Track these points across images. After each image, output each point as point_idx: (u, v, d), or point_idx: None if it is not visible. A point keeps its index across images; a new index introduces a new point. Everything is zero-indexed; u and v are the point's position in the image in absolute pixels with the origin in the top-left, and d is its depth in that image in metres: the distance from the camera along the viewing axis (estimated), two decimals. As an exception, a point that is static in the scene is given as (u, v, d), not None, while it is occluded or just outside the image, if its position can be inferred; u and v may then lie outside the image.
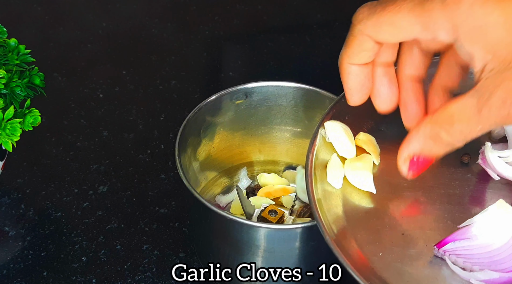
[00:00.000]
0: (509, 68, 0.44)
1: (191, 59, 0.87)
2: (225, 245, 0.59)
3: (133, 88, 0.83)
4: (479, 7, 0.44)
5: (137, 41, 0.89)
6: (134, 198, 0.71)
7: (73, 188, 0.71)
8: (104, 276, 0.64)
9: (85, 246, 0.66)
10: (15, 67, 0.63)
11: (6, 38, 0.65)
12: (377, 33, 0.48)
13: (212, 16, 0.93)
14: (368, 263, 0.49)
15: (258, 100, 0.66)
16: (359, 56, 0.50)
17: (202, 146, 0.65)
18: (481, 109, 0.45)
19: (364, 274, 0.47)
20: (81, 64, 0.86)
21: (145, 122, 0.78)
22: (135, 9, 0.94)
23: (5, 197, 0.70)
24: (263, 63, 0.87)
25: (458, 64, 0.51)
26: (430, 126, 0.48)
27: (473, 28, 0.44)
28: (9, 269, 0.64)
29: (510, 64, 0.44)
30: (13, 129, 0.60)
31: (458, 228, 0.50)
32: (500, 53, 0.44)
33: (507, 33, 0.43)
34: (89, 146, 0.76)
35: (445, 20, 0.45)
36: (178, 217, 0.69)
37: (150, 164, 0.74)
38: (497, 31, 0.44)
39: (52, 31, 0.90)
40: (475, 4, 0.44)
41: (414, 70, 0.52)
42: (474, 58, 0.45)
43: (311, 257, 0.58)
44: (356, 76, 0.51)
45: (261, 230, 0.56)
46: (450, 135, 0.47)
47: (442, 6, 0.45)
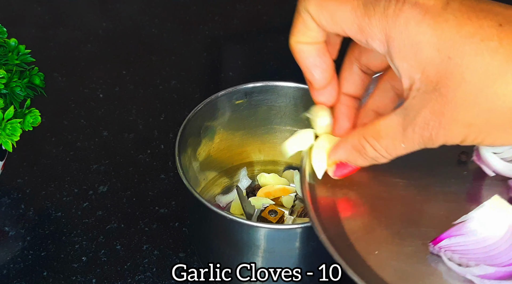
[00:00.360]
0: (436, 89, 0.43)
1: (191, 59, 0.87)
2: (225, 245, 0.59)
3: (133, 88, 0.83)
4: (415, 25, 0.43)
5: (137, 41, 0.89)
6: (134, 198, 0.71)
7: (73, 188, 0.71)
8: (104, 276, 0.64)
9: (85, 246, 0.66)
10: (15, 67, 0.63)
11: (6, 38, 0.65)
12: (318, 15, 0.47)
13: (212, 16, 0.93)
14: (365, 261, 0.49)
15: (258, 100, 0.66)
16: (306, 35, 0.49)
17: (202, 145, 0.65)
18: (406, 129, 0.45)
19: (359, 272, 0.47)
20: (81, 64, 0.86)
21: (145, 122, 0.78)
22: (135, 9, 0.94)
23: (5, 197, 0.70)
24: (263, 63, 0.87)
25: (393, 89, 0.51)
26: (357, 139, 0.49)
27: (405, 45, 0.44)
28: (9, 269, 0.64)
29: (437, 85, 0.43)
30: (13, 129, 0.60)
31: (454, 224, 0.51)
32: (428, 73, 0.43)
33: (438, 53, 0.43)
34: (89, 145, 0.76)
35: (381, 30, 0.45)
36: (178, 217, 0.69)
37: (150, 164, 0.74)
38: (428, 50, 0.43)
39: (52, 31, 0.90)
40: (411, 21, 0.43)
41: (352, 87, 0.52)
42: (402, 75, 0.45)
43: (311, 257, 0.58)
44: (308, 55, 0.49)
45: (261, 230, 0.56)
46: (374, 150, 0.48)
47: (382, 16, 0.44)
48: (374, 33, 0.45)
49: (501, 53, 0.42)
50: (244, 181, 0.69)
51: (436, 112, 0.44)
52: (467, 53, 0.42)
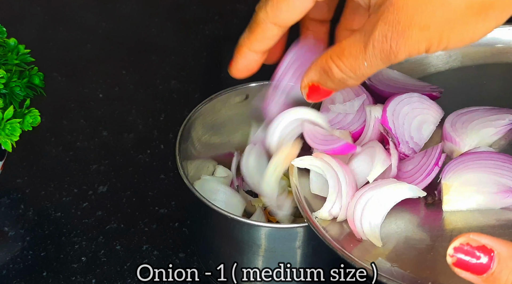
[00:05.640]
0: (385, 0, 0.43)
1: (191, 59, 0.87)
2: (225, 245, 0.59)
3: (133, 88, 0.82)
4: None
5: (137, 41, 0.89)
6: (134, 198, 0.71)
7: (72, 188, 0.71)
8: (103, 276, 0.64)
9: (85, 246, 0.66)
10: (15, 67, 0.63)
11: (5, 38, 0.64)
12: (278, 17, 0.49)
13: (212, 16, 0.93)
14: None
15: (258, 100, 0.66)
16: (262, 43, 0.51)
17: (202, 145, 0.65)
18: (366, 45, 0.45)
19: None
20: (80, 64, 0.85)
21: (145, 122, 0.78)
22: (135, 9, 0.94)
23: (5, 197, 0.70)
24: (263, 63, 0.87)
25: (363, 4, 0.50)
26: (324, 59, 0.48)
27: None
28: (9, 269, 0.64)
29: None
30: (13, 129, 0.60)
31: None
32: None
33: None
34: (89, 146, 0.76)
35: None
36: (178, 217, 0.69)
37: (150, 164, 0.74)
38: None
39: (52, 31, 0.90)
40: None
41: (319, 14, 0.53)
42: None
43: (312, 256, 0.58)
44: (249, 60, 0.52)
45: (262, 229, 0.56)
46: (339, 70, 0.47)
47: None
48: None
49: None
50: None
51: (390, 21, 0.43)
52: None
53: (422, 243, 0.50)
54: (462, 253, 0.39)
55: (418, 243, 0.50)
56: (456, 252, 0.40)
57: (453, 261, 0.40)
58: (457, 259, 0.39)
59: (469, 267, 0.39)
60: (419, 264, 0.48)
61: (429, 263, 0.48)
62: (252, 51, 0.51)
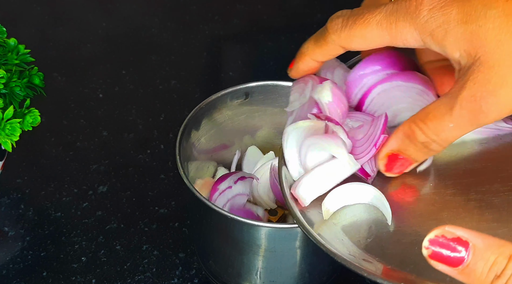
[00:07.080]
0: (476, 59, 0.43)
1: (191, 59, 0.87)
2: (225, 245, 0.59)
3: (133, 88, 0.82)
4: (438, 10, 0.44)
5: (137, 41, 0.89)
6: (134, 198, 0.71)
7: (72, 188, 0.71)
8: (103, 276, 0.64)
9: (85, 246, 0.66)
10: (15, 67, 0.63)
11: (5, 37, 0.64)
12: (349, 44, 0.49)
13: (212, 16, 0.93)
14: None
15: (258, 100, 0.66)
16: (325, 57, 0.51)
17: (202, 145, 0.65)
18: (453, 107, 0.44)
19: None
20: (80, 64, 0.85)
21: (145, 122, 0.78)
22: (135, 9, 0.94)
23: (5, 197, 0.70)
24: (263, 63, 0.87)
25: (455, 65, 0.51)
26: (408, 124, 0.47)
27: (435, 29, 0.45)
28: (9, 269, 0.64)
29: (476, 55, 0.43)
30: (13, 129, 0.60)
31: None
32: (465, 47, 0.44)
33: (466, 26, 0.43)
34: (89, 146, 0.76)
35: (410, 29, 0.46)
36: (178, 217, 0.69)
37: (150, 164, 0.74)
38: (457, 27, 0.44)
39: (51, 31, 0.90)
40: (434, 8, 0.45)
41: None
42: (450, 60, 0.45)
43: (312, 256, 0.58)
44: (309, 66, 0.53)
45: (262, 229, 0.56)
46: (422, 132, 0.46)
47: (405, 17, 0.46)
48: (406, 35, 0.46)
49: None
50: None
51: (480, 81, 0.43)
52: (495, 16, 0.42)
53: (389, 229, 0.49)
54: (437, 245, 0.39)
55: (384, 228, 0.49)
56: (431, 245, 0.39)
57: (429, 253, 0.39)
58: (432, 252, 0.39)
59: (444, 260, 0.39)
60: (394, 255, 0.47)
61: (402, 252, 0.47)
62: (313, 60, 0.52)
